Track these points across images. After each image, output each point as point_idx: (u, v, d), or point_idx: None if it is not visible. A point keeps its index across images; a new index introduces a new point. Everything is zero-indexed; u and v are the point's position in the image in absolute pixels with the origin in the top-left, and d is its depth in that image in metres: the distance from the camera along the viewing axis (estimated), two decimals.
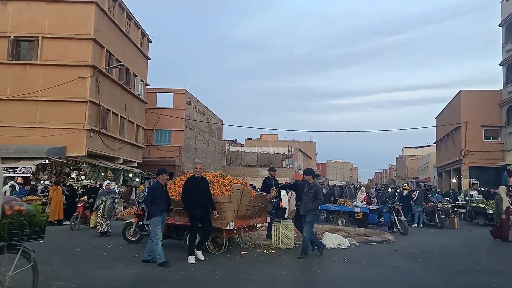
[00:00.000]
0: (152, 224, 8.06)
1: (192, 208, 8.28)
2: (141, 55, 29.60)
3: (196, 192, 8.29)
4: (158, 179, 8.45)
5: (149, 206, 8.23)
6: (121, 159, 25.40)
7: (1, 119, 20.58)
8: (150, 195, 8.21)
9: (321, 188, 9.61)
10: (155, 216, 8.02)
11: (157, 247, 7.80)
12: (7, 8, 21.21)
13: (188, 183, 8.50)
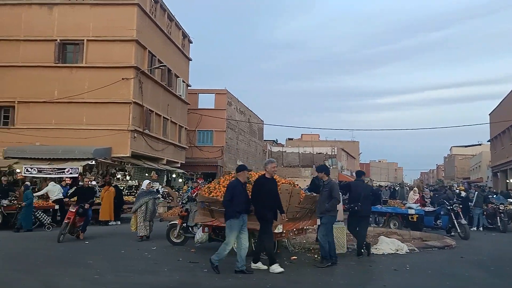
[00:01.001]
0: (227, 227, 7.18)
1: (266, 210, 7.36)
2: (182, 56, 29.66)
3: (267, 193, 7.43)
4: (238, 176, 7.59)
5: (227, 206, 7.24)
6: (165, 160, 25.46)
7: (50, 121, 21.05)
8: (229, 194, 7.26)
9: (337, 186, 8.57)
10: (231, 219, 7.12)
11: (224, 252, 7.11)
12: (52, 13, 21.71)
13: (260, 183, 7.53)
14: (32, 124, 20.87)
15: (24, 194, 13.69)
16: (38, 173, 18.23)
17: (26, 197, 13.48)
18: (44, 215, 14.15)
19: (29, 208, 13.49)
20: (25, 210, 13.38)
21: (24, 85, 21.19)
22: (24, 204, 13.33)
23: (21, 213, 13.43)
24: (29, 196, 13.53)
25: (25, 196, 13.53)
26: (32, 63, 21.31)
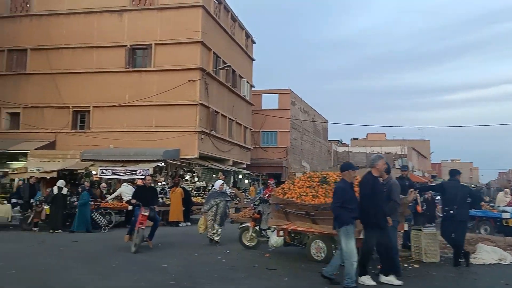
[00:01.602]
0: (343, 235, 6.12)
1: (381, 215, 6.30)
2: (246, 57, 29.51)
3: (381, 195, 6.46)
4: (344, 177, 6.54)
5: (339, 211, 6.20)
6: (231, 161, 25.37)
7: (122, 124, 21.71)
8: (339, 198, 6.26)
9: (397, 186, 7.09)
10: (347, 225, 6.11)
11: (351, 267, 5.98)
12: (122, 19, 22.40)
13: (372, 183, 6.47)
14: (106, 128, 21.66)
15: (80, 195, 13.89)
16: (112, 174, 18.79)
17: (82, 198, 13.71)
18: (100, 217, 14.24)
19: (85, 209, 13.66)
20: (80, 211, 13.53)
21: (98, 90, 22.05)
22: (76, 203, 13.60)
23: (77, 214, 13.58)
24: (84, 197, 13.76)
25: (81, 197, 13.73)
26: (105, 68, 22.12)
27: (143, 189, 10.37)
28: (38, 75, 22.56)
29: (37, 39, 22.66)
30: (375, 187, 6.41)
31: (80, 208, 13.51)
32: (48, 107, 22.30)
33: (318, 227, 7.87)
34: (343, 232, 6.14)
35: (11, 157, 21.67)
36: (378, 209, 6.30)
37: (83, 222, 13.46)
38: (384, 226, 6.34)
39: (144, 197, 9.83)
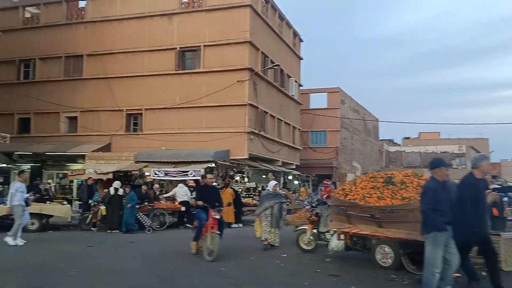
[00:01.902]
0: (430, 242, 5.42)
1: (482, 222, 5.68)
2: (293, 56, 29.07)
3: (483, 199, 5.83)
4: (434, 175, 5.67)
5: (429, 215, 5.43)
6: (280, 162, 25.04)
7: (173, 126, 21.98)
8: (429, 199, 5.45)
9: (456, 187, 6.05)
10: (437, 232, 5.35)
11: (432, 278, 5.33)
12: (172, 22, 22.69)
13: (474, 185, 5.79)
14: (157, 130, 22.02)
15: (128, 196, 13.96)
16: (165, 176, 19.01)
17: (131, 199, 13.78)
18: (146, 218, 14.24)
19: (132, 210, 13.76)
20: (128, 211, 13.64)
21: (149, 93, 22.47)
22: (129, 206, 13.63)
23: (125, 215, 13.69)
24: (133, 198, 13.87)
25: (130, 198, 13.81)
26: (156, 71, 22.50)
27: (206, 189, 9.31)
28: (94, 80, 23.35)
29: (92, 45, 23.47)
30: (478, 192, 5.76)
31: (126, 209, 13.69)
32: (103, 111, 23.02)
33: (384, 231, 7.32)
34: (431, 238, 5.44)
35: (70, 159, 22.56)
36: (481, 216, 5.63)
37: (125, 222, 13.61)
38: (486, 235, 5.73)
39: (209, 197, 8.85)
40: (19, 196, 10.55)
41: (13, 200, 10.52)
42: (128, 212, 13.65)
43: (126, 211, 13.64)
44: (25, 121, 24.41)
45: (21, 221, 10.53)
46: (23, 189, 10.71)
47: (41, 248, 9.94)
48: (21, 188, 10.66)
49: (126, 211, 13.65)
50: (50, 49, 24.02)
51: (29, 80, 24.42)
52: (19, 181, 10.85)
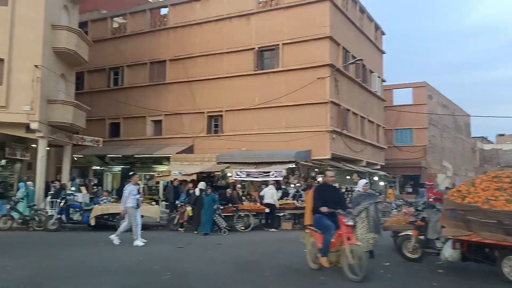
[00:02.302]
0: None
1: None
2: (375, 50, 27.59)
3: None
4: None
5: None
6: (364, 162, 23.78)
7: (253, 127, 21.80)
8: None
9: None
10: None
11: None
12: (250, 22, 22.54)
13: None
14: (238, 131, 21.97)
15: (208, 197, 13.66)
16: (247, 176, 18.80)
17: (212, 200, 13.50)
18: (221, 219, 13.90)
19: (211, 212, 13.49)
20: (207, 213, 13.39)
21: (229, 94, 22.53)
22: (216, 207, 13.40)
23: (203, 216, 13.42)
24: (214, 199, 13.57)
25: (210, 199, 13.54)
26: (235, 73, 22.50)
27: (326, 190, 7.59)
28: (176, 84, 23.99)
29: (174, 50, 24.14)
30: None
31: (205, 210, 13.47)
32: (185, 113, 23.53)
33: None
34: None
35: (156, 161, 23.37)
36: None
37: (206, 223, 13.35)
38: None
39: (333, 200, 7.21)
40: (132, 198, 10.71)
41: (127, 202, 10.72)
42: (208, 213, 13.44)
43: (205, 213, 13.45)
44: (115, 125, 25.79)
45: (136, 222, 10.68)
46: (135, 192, 10.85)
47: (134, 249, 10.05)
48: (134, 190, 10.81)
49: (204, 212, 13.46)
50: (136, 56, 25.16)
51: (118, 86, 25.77)
52: (131, 183, 10.98)
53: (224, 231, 13.63)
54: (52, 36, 18.04)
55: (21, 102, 16.84)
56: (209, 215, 13.42)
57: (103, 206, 14.12)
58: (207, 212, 13.41)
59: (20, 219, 14.04)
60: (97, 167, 25.75)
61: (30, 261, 8.02)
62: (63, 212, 14.04)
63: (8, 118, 16.75)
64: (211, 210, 13.46)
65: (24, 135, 17.54)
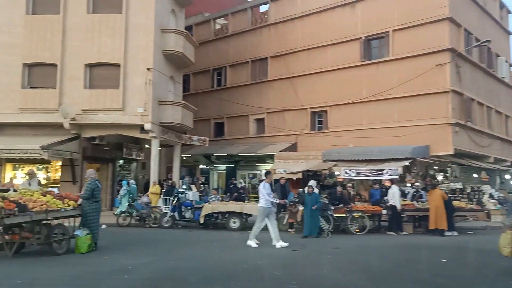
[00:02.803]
0: None
1: None
2: (501, 31, 24.25)
3: None
4: None
5: None
6: (491, 158, 20.81)
7: (360, 122, 20.38)
8: None
9: None
10: None
11: None
12: (355, 11, 21.13)
13: None
14: (344, 127, 20.74)
15: (310, 196, 12.51)
16: (357, 175, 17.50)
17: (315, 200, 12.37)
18: (324, 221, 12.64)
19: (315, 212, 12.30)
20: (311, 214, 12.23)
21: (333, 88, 21.39)
22: (315, 207, 12.23)
23: (306, 217, 12.29)
24: (317, 199, 12.44)
25: (314, 199, 12.40)
26: (340, 65, 21.27)
27: None
28: (278, 81, 23.51)
29: (275, 47, 23.69)
30: None
31: (306, 211, 12.38)
32: (288, 110, 22.94)
33: None
34: None
35: (260, 160, 23.16)
36: None
37: (313, 226, 12.15)
38: None
39: None
40: (266, 198, 10.06)
41: (260, 202, 10.16)
42: (311, 214, 12.29)
43: (308, 213, 12.36)
44: (220, 125, 26.21)
45: (261, 223, 10.08)
46: (269, 191, 10.19)
47: (249, 250, 9.57)
48: (268, 189, 10.13)
49: (307, 213, 12.40)
50: (238, 55, 25.27)
51: (221, 87, 26.15)
52: (266, 181, 10.33)
53: (327, 233, 12.41)
54: (161, 40, 18.72)
55: (135, 104, 17.67)
56: (312, 216, 12.29)
57: (213, 205, 14.03)
58: (309, 213, 12.30)
59: (137, 216, 14.59)
60: (203, 166, 26.44)
61: (151, 261, 7.91)
62: (176, 209, 14.27)
63: (125, 120, 17.70)
64: (313, 211, 12.29)
65: (139, 135, 18.42)
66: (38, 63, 17.92)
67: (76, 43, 17.84)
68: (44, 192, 8.58)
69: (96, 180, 9.00)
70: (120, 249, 9.23)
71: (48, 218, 7.81)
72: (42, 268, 7.01)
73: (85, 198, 8.70)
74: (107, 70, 18.02)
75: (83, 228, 8.54)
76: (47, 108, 17.41)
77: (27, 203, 7.51)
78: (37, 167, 18.27)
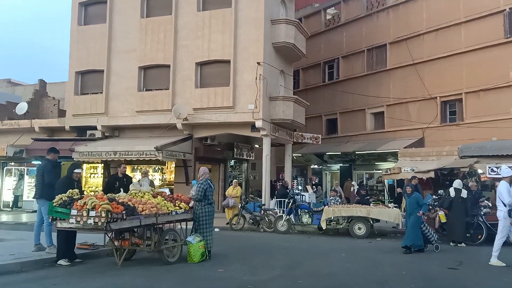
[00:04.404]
0: None
1: None
2: None
3: None
4: None
5: None
6: None
7: (507, 110, 16.94)
8: None
9: None
10: None
11: None
12: None
13: None
14: (484, 117, 17.45)
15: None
16: None
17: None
18: (430, 229, 9.88)
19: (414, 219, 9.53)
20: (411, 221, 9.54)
21: (469, 73, 18.20)
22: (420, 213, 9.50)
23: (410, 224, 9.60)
24: (420, 203, 9.68)
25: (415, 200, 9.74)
26: (477, 45, 17.99)
27: None
28: (399, 69, 20.90)
29: (395, 31, 21.11)
30: None
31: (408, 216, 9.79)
32: (412, 101, 20.22)
33: None
34: None
35: (380, 158, 20.83)
36: None
37: (412, 235, 9.41)
38: None
39: None
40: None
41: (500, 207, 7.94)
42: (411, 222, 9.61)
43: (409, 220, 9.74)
44: (332, 121, 24.41)
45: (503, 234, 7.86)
46: None
47: (394, 264, 7.74)
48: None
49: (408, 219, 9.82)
50: (352, 45, 23.21)
51: (333, 80, 24.31)
52: (506, 180, 8.13)
53: (436, 246, 9.67)
54: (271, 32, 17.66)
55: (246, 101, 16.83)
56: (412, 223, 9.54)
57: (334, 208, 12.36)
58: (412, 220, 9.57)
59: (251, 219, 13.58)
60: (315, 166, 24.87)
61: (273, 277, 6.60)
62: (292, 212, 12.94)
63: (235, 118, 16.99)
64: (415, 217, 9.53)
65: (249, 134, 17.59)
66: (153, 65, 18.16)
67: (187, 42, 17.70)
68: (155, 193, 7.83)
69: (208, 180, 8.04)
70: (235, 259, 8.10)
71: (159, 222, 6.96)
72: (153, 283, 6.11)
73: (197, 200, 7.77)
74: (217, 67, 17.55)
75: (195, 233, 7.59)
76: (161, 109, 17.51)
77: (136, 205, 6.74)
78: (153, 168, 18.55)
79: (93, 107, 18.55)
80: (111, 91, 18.51)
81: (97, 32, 18.95)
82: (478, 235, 10.85)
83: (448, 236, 10.94)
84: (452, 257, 8.67)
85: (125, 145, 16.52)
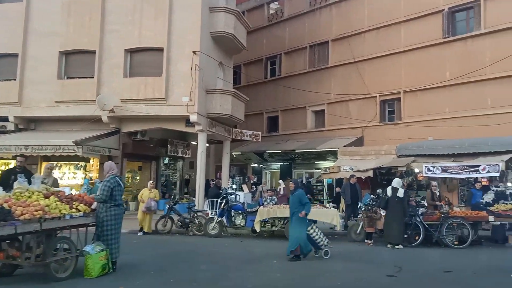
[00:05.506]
0: None
1: None
2: None
3: None
4: None
5: None
6: None
7: (443, 110, 17.03)
8: None
9: None
10: None
11: None
12: None
13: None
14: (421, 116, 17.47)
15: None
16: (442, 172, 14.23)
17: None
18: (320, 232, 8.79)
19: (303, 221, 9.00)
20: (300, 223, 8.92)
21: (408, 72, 18.18)
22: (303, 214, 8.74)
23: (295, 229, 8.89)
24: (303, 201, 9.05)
25: None
26: (416, 44, 17.98)
27: None
28: (341, 67, 20.55)
29: (337, 28, 20.76)
30: None
31: None
32: (352, 100, 19.94)
33: None
34: None
35: (319, 157, 20.36)
36: None
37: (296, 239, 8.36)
38: None
39: None
40: None
41: None
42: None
43: None
44: (273, 119, 23.70)
45: None
46: None
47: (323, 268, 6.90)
48: None
49: None
50: (294, 41, 22.60)
51: (276, 77, 23.61)
52: None
53: (325, 251, 8.64)
54: (209, 20, 16.52)
55: (180, 93, 15.57)
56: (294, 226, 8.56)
57: (269, 208, 11.46)
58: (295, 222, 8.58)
59: (179, 221, 12.33)
60: (255, 165, 24.05)
61: None
62: (224, 214, 11.88)
63: (168, 111, 15.68)
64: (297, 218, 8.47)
65: (184, 129, 16.36)
66: (76, 50, 16.37)
67: (116, 27, 16.12)
68: (49, 192, 6.42)
69: (117, 177, 6.77)
70: (148, 271, 6.87)
71: (44, 229, 5.58)
72: None
73: (100, 200, 6.47)
74: (149, 55, 16.13)
75: (96, 242, 6.30)
76: (84, 100, 15.77)
77: (14, 207, 5.35)
78: (76, 165, 16.72)
79: (4, 96, 16.38)
80: (26, 78, 16.45)
81: (12, 11, 16.79)
82: (416, 236, 10.44)
83: (385, 238, 10.43)
84: (390, 262, 8.04)
85: (40, 138, 14.64)
